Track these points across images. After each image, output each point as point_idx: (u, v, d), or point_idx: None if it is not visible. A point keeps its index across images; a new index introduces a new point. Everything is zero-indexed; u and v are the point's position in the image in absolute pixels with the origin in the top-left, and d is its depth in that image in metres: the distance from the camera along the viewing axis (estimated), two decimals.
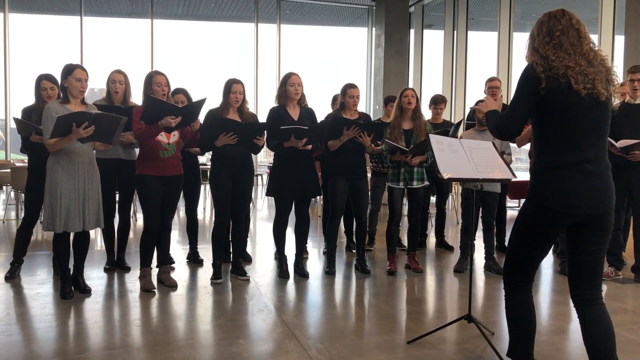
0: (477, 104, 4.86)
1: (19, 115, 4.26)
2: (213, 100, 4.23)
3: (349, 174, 4.53)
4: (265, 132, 4.28)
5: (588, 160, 2.14)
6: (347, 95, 4.55)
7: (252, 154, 4.42)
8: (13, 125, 4.32)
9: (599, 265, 2.27)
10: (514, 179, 3.12)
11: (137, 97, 4.43)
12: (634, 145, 4.18)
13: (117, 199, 4.59)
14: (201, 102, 3.91)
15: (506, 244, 5.49)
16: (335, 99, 5.59)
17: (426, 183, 4.67)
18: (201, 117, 4.17)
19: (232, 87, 4.20)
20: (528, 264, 2.35)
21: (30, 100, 4.33)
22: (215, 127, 4.07)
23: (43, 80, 4.19)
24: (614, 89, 2.20)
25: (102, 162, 4.04)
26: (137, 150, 4.51)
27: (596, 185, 2.15)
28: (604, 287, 4.30)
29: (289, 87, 4.35)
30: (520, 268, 2.36)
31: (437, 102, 5.57)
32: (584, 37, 2.21)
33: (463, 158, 2.96)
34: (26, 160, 4.96)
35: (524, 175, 5.67)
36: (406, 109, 4.59)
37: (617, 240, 4.52)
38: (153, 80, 3.95)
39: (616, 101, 2.12)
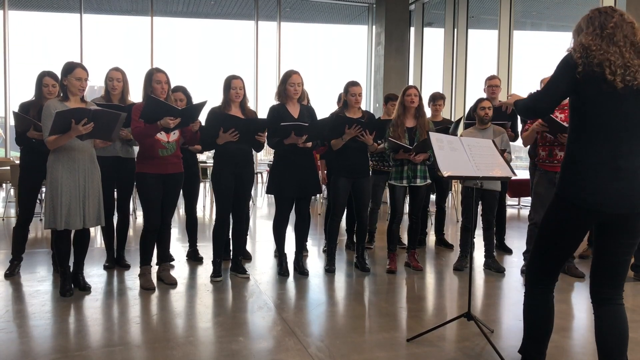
0: (482, 101, 4.82)
1: (16, 110, 4.25)
2: (213, 99, 4.23)
3: (352, 173, 4.52)
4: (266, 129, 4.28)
5: (621, 155, 2.07)
6: (349, 93, 4.54)
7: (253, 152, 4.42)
8: (13, 122, 4.30)
9: (624, 266, 2.22)
10: (513, 177, 3.11)
11: (135, 95, 4.43)
12: None
13: (115, 196, 4.59)
14: (201, 105, 3.91)
15: (506, 242, 5.55)
16: (341, 98, 5.58)
17: (429, 181, 4.67)
18: (202, 118, 4.17)
19: (231, 83, 4.20)
20: (553, 262, 2.29)
21: (29, 97, 4.32)
22: (217, 124, 4.07)
23: (46, 77, 4.19)
24: None
25: (100, 160, 4.03)
26: (135, 148, 4.50)
27: (628, 184, 2.07)
28: None
29: (288, 87, 4.34)
30: (544, 266, 2.31)
31: (436, 99, 5.57)
32: (638, 29, 2.16)
33: (463, 156, 2.96)
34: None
35: (524, 174, 5.68)
36: (409, 107, 4.59)
37: None
38: (153, 77, 3.95)
39: None
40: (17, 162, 8.42)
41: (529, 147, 4.92)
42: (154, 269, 4.24)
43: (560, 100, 2.21)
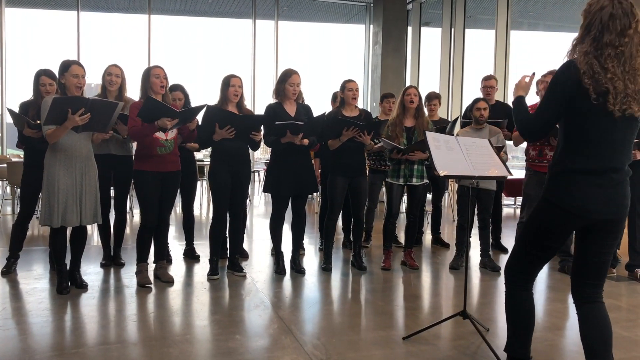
0: (478, 102, 4.81)
1: (16, 109, 4.25)
2: (210, 96, 4.24)
3: (349, 171, 4.54)
4: (263, 128, 4.29)
5: (614, 169, 2.12)
6: (346, 89, 4.56)
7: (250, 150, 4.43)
8: (9, 120, 4.30)
9: (605, 266, 2.27)
10: (509, 177, 3.13)
11: (133, 93, 4.43)
12: None
13: (112, 194, 4.58)
14: (200, 108, 3.94)
15: (502, 241, 5.57)
16: (335, 96, 5.59)
17: (426, 181, 4.68)
18: (198, 117, 4.17)
19: (230, 81, 4.20)
20: (534, 263, 2.34)
21: (26, 95, 4.32)
22: (213, 120, 4.07)
23: (42, 76, 4.18)
24: None
25: (94, 157, 4.01)
26: (132, 145, 4.50)
27: (615, 192, 2.14)
28: None
29: (287, 86, 4.34)
30: (526, 266, 2.35)
31: (431, 98, 5.60)
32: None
33: (459, 155, 2.98)
34: (22, 155, 4.95)
35: (519, 173, 5.70)
36: (408, 107, 4.60)
37: None
38: (151, 72, 3.95)
39: None
40: (14, 159, 8.41)
41: (525, 146, 4.94)
42: (151, 267, 4.25)
43: (555, 124, 2.20)
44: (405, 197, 4.83)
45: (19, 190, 4.58)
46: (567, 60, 2.15)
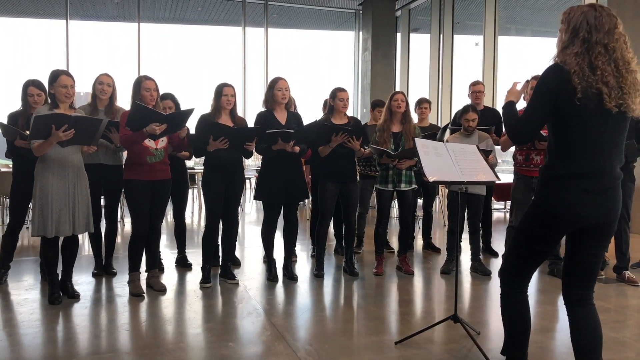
0: (467, 112, 4.79)
1: (4, 120, 4.24)
2: (200, 104, 4.26)
3: (339, 177, 4.57)
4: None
5: (605, 172, 2.12)
6: (337, 98, 4.60)
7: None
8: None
9: (596, 267, 2.30)
10: (498, 182, 3.17)
11: (123, 102, 4.43)
12: None
13: (103, 204, 4.57)
14: (188, 112, 3.93)
15: (492, 245, 5.62)
16: (326, 103, 5.62)
17: (414, 186, 4.73)
18: (190, 125, 4.18)
19: (223, 90, 4.23)
20: (528, 266, 2.36)
21: (14, 104, 4.31)
22: (207, 132, 4.09)
23: (30, 87, 4.17)
24: None
25: (85, 167, 4.01)
26: (122, 155, 4.50)
27: (606, 196, 2.14)
28: None
29: (276, 92, 4.38)
30: (519, 269, 2.38)
31: (421, 102, 5.67)
32: (628, 44, 2.13)
33: (448, 161, 3.02)
34: (11, 165, 4.93)
35: (509, 177, 5.77)
36: (396, 112, 4.64)
37: None
38: (142, 85, 3.96)
39: None
40: (3, 170, 8.35)
41: (514, 151, 5.00)
42: (143, 275, 4.24)
43: (542, 127, 2.20)
44: (396, 203, 4.86)
45: (8, 200, 4.54)
46: (553, 64, 2.16)
